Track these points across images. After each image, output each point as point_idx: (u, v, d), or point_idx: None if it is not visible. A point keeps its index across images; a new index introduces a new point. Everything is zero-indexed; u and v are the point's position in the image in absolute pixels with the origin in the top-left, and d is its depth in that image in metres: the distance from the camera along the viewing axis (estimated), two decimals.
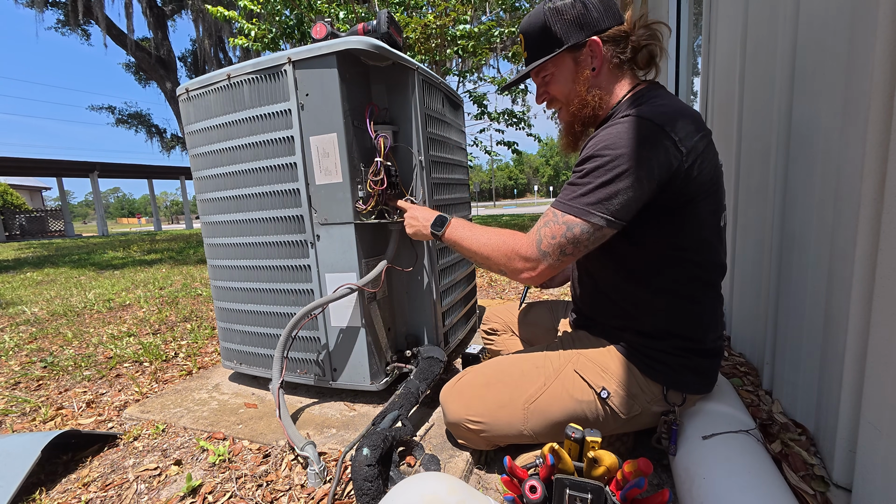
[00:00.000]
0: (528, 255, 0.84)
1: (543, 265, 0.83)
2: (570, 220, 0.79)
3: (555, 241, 0.81)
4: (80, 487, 1.04)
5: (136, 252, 7.84)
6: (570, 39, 0.87)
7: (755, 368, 1.34)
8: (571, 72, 0.90)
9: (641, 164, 0.74)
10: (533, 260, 0.84)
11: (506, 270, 0.89)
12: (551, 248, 0.82)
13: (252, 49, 4.31)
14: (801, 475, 0.86)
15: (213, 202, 1.40)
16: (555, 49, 0.89)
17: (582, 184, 0.79)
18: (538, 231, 0.84)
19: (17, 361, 2.02)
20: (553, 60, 0.91)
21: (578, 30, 0.86)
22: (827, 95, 0.87)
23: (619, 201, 0.76)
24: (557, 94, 0.95)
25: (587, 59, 0.88)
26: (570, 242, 0.80)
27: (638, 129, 0.75)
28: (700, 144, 0.77)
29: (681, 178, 0.77)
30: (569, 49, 0.88)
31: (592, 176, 0.77)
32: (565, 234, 0.80)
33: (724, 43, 1.60)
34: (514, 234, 0.89)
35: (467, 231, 0.98)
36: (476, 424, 0.97)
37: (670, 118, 0.76)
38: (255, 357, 1.43)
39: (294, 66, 1.15)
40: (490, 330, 1.45)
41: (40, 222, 17.98)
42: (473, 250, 0.95)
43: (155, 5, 16.22)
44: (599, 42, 0.86)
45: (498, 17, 6.21)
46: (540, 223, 0.84)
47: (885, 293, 0.69)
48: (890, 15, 0.65)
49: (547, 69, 0.93)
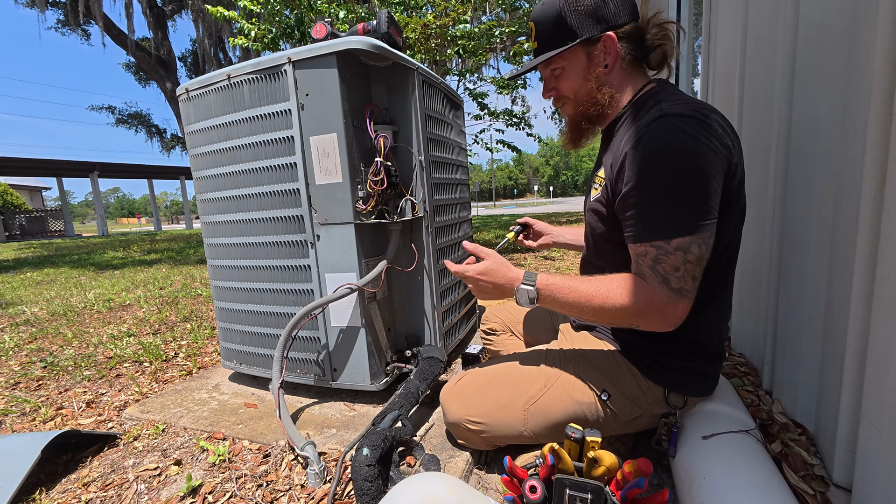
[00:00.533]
0: (656, 303, 0.74)
1: (683, 303, 0.74)
2: (681, 241, 0.71)
3: (679, 273, 0.72)
4: (80, 487, 1.04)
5: (136, 252, 7.84)
6: (585, 32, 0.82)
7: (755, 368, 1.34)
8: (583, 67, 0.86)
9: (705, 157, 0.70)
10: (662, 305, 0.74)
11: (639, 324, 0.79)
12: (684, 282, 0.72)
13: (252, 49, 4.30)
14: (801, 475, 0.86)
15: (213, 202, 1.40)
16: (568, 41, 0.84)
17: (667, 198, 0.71)
18: (654, 273, 0.74)
19: (17, 361, 2.02)
20: (565, 54, 0.85)
21: (594, 23, 0.82)
22: (827, 95, 0.87)
23: (708, 197, 0.70)
24: (566, 90, 0.90)
25: (600, 55, 0.84)
26: (695, 264, 0.72)
27: (684, 127, 0.71)
28: (735, 139, 0.76)
29: (731, 171, 0.74)
30: (582, 43, 0.83)
31: (672, 189, 0.71)
32: (686, 258, 0.71)
33: (724, 43, 1.60)
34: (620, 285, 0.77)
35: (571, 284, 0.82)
36: (476, 425, 0.97)
37: (704, 113, 0.73)
38: (255, 357, 1.43)
39: (294, 66, 1.15)
40: (490, 330, 1.45)
41: (40, 222, 17.98)
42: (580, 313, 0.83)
43: (155, 5, 16.22)
44: (615, 38, 0.82)
45: (498, 17, 6.21)
46: (646, 264, 0.75)
47: (885, 293, 0.69)
48: (890, 15, 0.65)
49: (558, 62, 0.88)
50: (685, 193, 0.71)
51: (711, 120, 0.72)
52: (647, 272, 0.76)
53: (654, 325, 0.77)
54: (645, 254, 0.75)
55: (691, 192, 0.70)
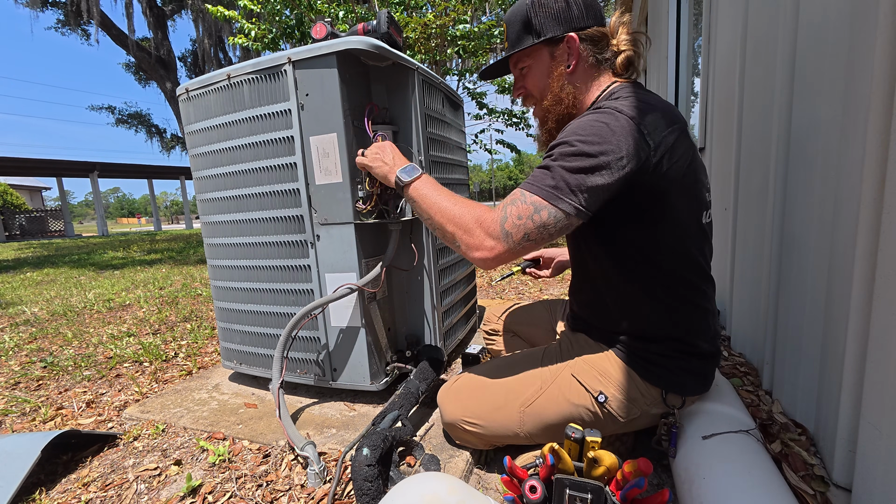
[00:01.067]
0: (490, 232, 0.79)
1: (502, 247, 0.79)
2: (538, 201, 0.76)
3: (520, 223, 0.77)
4: (80, 487, 1.04)
5: (136, 252, 7.84)
6: (548, 32, 0.87)
7: (755, 368, 1.34)
8: (547, 66, 0.91)
9: (610, 154, 0.73)
10: (493, 238, 0.79)
11: (461, 244, 0.83)
12: (515, 230, 0.77)
13: (252, 49, 4.30)
14: (801, 475, 0.86)
15: (213, 202, 1.40)
16: (532, 40, 0.89)
17: (551, 167, 0.77)
18: (504, 208, 0.79)
19: (17, 361, 2.02)
20: (529, 52, 0.91)
21: (557, 24, 0.87)
22: (827, 95, 0.87)
23: (587, 189, 0.74)
24: (532, 89, 0.95)
25: (563, 55, 0.89)
26: (536, 227, 0.76)
27: (608, 119, 0.76)
28: (670, 138, 0.77)
29: (649, 172, 0.76)
30: (545, 42, 0.88)
31: (562, 161, 0.76)
32: (532, 216, 0.76)
33: (724, 43, 1.60)
34: (480, 206, 0.84)
35: (433, 191, 0.90)
36: (472, 426, 0.97)
37: (640, 111, 0.76)
38: (255, 357, 1.43)
39: (294, 66, 1.15)
40: (490, 330, 1.45)
41: (40, 222, 17.99)
42: (431, 213, 0.88)
43: (155, 5, 16.21)
44: (576, 38, 0.86)
45: (498, 17, 6.21)
46: (506, 201, 0.81)
47: (885, 293, 0.69)
48: (890, 15, 0.65)
49: (524, 61, 0.94)
50: (567, 172, 0.75)
51: (641, 119, 0.75)
52: (499, 204, 0.81)
53: (471, 245, 0.81)
54: (511, 194, 0.82)
55: (573, 176, 0.75)
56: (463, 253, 0.84)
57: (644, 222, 0.81)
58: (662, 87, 2.88)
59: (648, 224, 0.81)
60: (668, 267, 0.84)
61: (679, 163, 0.78)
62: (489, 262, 0.81)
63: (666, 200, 0.80)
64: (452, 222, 0.84)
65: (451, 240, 0.85)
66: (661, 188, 0.78)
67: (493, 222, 0.80)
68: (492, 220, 0.80)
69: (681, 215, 0.82)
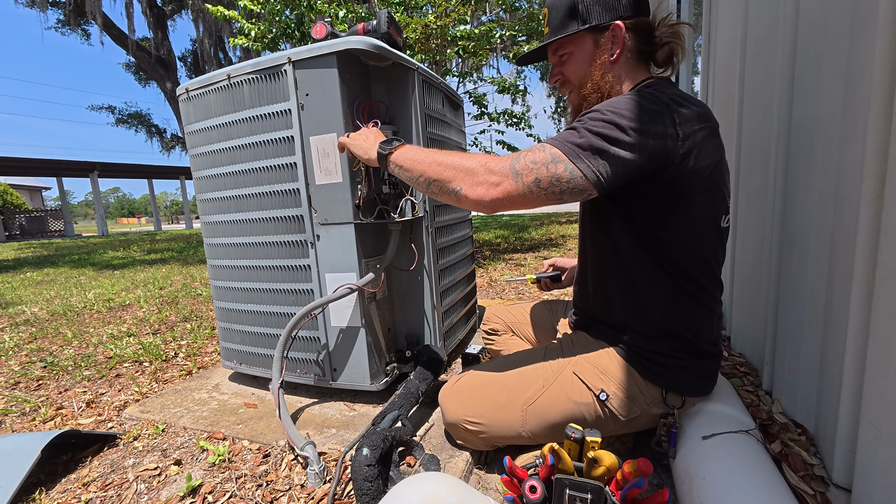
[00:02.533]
0: (496, 169, 0.77)
1: (509, 183, 0.75)
2: (558, 154, 0.75)
3: (534, 167, 0.75)
4: (80, 487, 1.04)
5: (136, 252, 7.84)
6: (594, 19, 0.85)
7: (755, 368, 1.34)
8: (590, 53, 0.88)
9: (638, 131, 0.72)
10: (499, 174, 0.76)
11: (461, 186, 0.79)
12: (526, 171, 0.75)
13: (252, 49, 4.30)
14: (801, 475, 0.86)
15: (213, 202, 1.40)
16: (577, 26, 0.87)
17: (578, 129, 0.76)
18: (516, 154, 0.78)
19: (17, 361, 2.02)
20: (573, 38, 0.88)
21: (604, 10, 0.85)
22: (827, 95, 0.87)
23: (609, 158, 0.73)
24: (571, 76, 0.92)
25: (607, 43, 0.86)
26: (549, 175, 0.74)
27: (643, 100, 0.75)
28: (699, 134, 0.77)
29: (675, 164, 0.75)
30: (590, 29, 0.86)
31: (591, 124, 0.75)
32: (547, 164, 0.74)
33: (724, 43, 1.60)
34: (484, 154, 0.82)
35: (419, 152, 0.88)
36: (474, 425, 0.97)
37: (676, 102, 0.77)
38: (255, 357, 1.43)
39: (294, 66, 1.15)
40: (490, 330, 1.45)
41: (40, 222, 17.98)
42: (423, 169, 0.84)
43: (155, 5, 16.21)
44: (623, 27, 0.84)
45: (498, 18, 6.20)
46: (521, 151, 0.79)
47: (885, 293, 0.69)
48: (890, 15, 0.65)
49: (566, 47, 0.91)
50: (593, 135, 0.74)
51: (676, 108, 0.75)
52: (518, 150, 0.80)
53: (472, 185, 0.78)
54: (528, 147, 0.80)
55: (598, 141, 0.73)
56: (463, 198, 0.79)
57: (663, 217, 0.81)
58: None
59: (667, 220, 0.81)
60: (681, 265, 0.84)
61: (706, 161, 0.78)
62: (495, 202, 0.77)
63: (688, 197, 0.79)
64: (451, 167, 0.81)
65: (449, 187, 0.81)
66: (685, 184, 0.78)
67: (500, 162, 0.77)
68: (499, 161, 0.78)
69: (700, 215, 0.81)
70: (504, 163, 0.77)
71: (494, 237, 6.84)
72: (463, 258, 1.72)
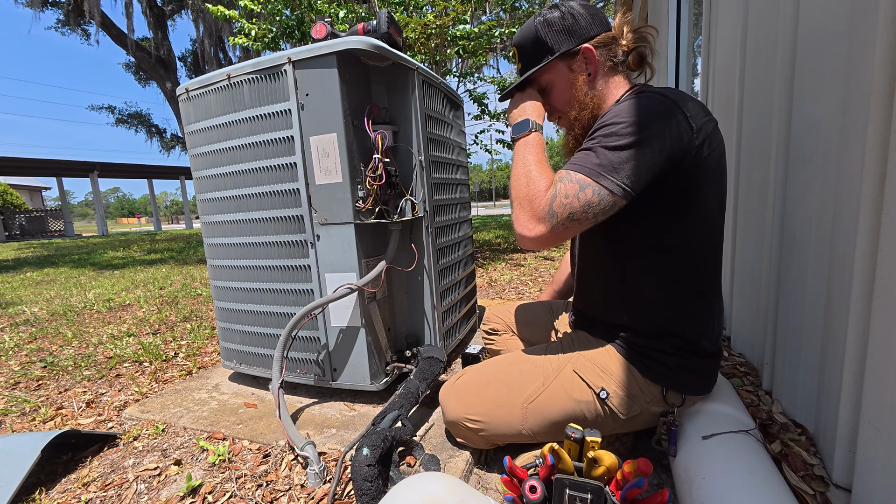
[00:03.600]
0: (537, 212, 0.79)
1: (544, 228, 0.78)
2: (583, 179, 0.76)
3: (567, 202, 0.76)
4: (79, 487, 1.04)
5: (137, 252, 7.84)
6: (563, 47, 0.90)
7: (755, 368, 1.34)
8: (568, 78, 0.93)
9: (654, 134, 0.74)
10: (537, 219, 0.79)
11: (514, 211, 0.84)
12: (561, 209, 0.77)
13: (252, 49, 4.30)
14: (800, 475, 0.86)
15: (213, 202, 1.40)
16: (548, 57, 0.92)
17: (594, 148, 0.77)
18: (555, 185, 0.79)
19: (17, 361, 2.02)
20: (548, 68, 0.93)
21: (569, 37, 0.90)
22: (827, 95, 0.87)
23: (631, 168, 0.74)
24: (557, 104, 0.97)
25: (582, 66, 0.91)
26: (581, 205, 0.76)
27: (650, 102, 0.77)
28: (709, 126, 0.79)
29: (691, 155, 0.77)
30: (562, 56, 0.91)
31: (605, 141, 0.76)
32: (577, 194, 0.76)
33: (724, 43, 1.60)
34: (545, 179, 0.82)
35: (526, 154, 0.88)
36: (474, 423, 0.97)
37: (681, 97, 0.79)
38: (255, 357, 1.43)
39: (294, 66, 1.15)
40: (490, 330, 1.45)
41: (40, 222, 17.98)
42: (511, 176, 0.90)
43: (155, 5, 16.21)
44: (592, 48, 0.89)
45: (498, 17, 6.20)
46: (557, 177, 0.80)
47: (885, 293, 0.69)
48: (890, 15, 0.65)
49: (544, 78, 0.96)
50: (610, 150, 0.75)
51: (684, 103, 0.77)
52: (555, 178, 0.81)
53: (520, 221, 0.82)
54: (557, 173, 0.81)
55: (616, 154, 0.74)
56: (514, 222, 0.84)
57: (676, 212, 0.82)
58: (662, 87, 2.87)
59: (680, 214, 0.82)
60: (690, 261, 0.85)
61: (715, 153, 0.80)
62: (530, 243, 0.81)
63: (700, 191, 0.81)
64: (515, 192, 0.85)
65: (513, 203, 0.86)
66: (697, 177, 0.79)
67: (543, 201, 0.79)
68: (542, 199, 0.79)
69: (710, 209, 0.83)
70: (545, 204, 0.79)
71: (494, 237, 6.84)
72: (463, 258, 1.72)
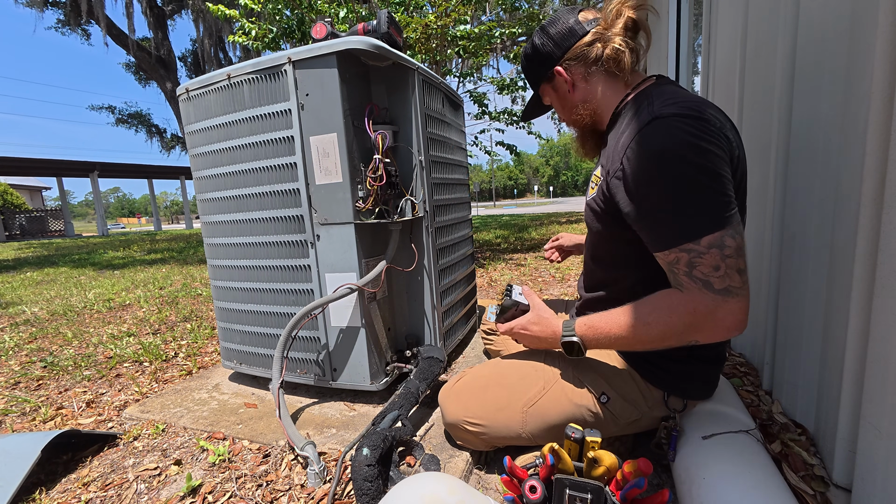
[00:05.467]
0: (712, 307, 0.68)
1: (735, 302, 0.68)
2: (713, 238, 0.67)
3: (722, 270, 0.67)
4: (80, 487, 1.04)
5: (137, 252, 7.84)
6: (539, 79, 0.98)
7: (755, 368, 1.34)
8: (556, 98, 0.99)
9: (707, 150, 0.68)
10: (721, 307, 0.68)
11: (701, 340, 0.73)
12: (729, 279, 0.67)
13: (252, 49, 4.30)
14: (801, 475, 0.86)
15: (213, 202, 1.40)
16: (537, 85, 1.01)
17: (684, 198, 0.69)
18: (692, 279, 0.69)
19: (17, 361, 2.02)
20: (544, 91, 1.01)
21: (540, 66, 0.95)
22: (827, 95, 0.87)
23: (724, 186, 0.68)
24: (561, 115, 1.03)
25: (562, 85, 0.94)
26: (735, 257, 0.67)
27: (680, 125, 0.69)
28: (735, 132, 0.76)
29: (734, 164, 0.73)
30: (546, 82, 0.97)
31: (685, 187, 0.68)
32: (723, 253, 0.67)
33: (724, 43, 1.60)
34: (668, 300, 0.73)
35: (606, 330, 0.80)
36: (474, 426, 0.97)
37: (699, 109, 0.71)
38: (255, 357, 1.43)
39: (294, 66, 1.15)
40: (490, 330, 1.45)
41: (40, 222, 17.99)
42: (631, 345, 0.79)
43: (155, 5, 16.21)
44: (561, 70, 0.91)
45: (498, 17, 6.21)
46: (681, 271, 0.70)
47: (885, 293, 0.69)
48: (890, 15, 0.65)
49: (545, 100, 1.04)
50: (701, 188, 0.68)
51: (707, 115, 0.71)
52: (684, 280, 0.71)
53: (712, 334, 0.71)
54: (676, 261, 0.71)
55: (707, 185, 0.67)
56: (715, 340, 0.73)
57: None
58: None
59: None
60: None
61: (743, 157, 0.77)
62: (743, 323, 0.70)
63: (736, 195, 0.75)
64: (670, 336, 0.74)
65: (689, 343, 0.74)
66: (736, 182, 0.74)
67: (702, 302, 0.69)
68: (700, 302, 0.69)
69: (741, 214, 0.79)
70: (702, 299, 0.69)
71: (494, 237, 6.84)
72: (463, 258, 1.72)
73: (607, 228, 0.87)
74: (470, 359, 1.64)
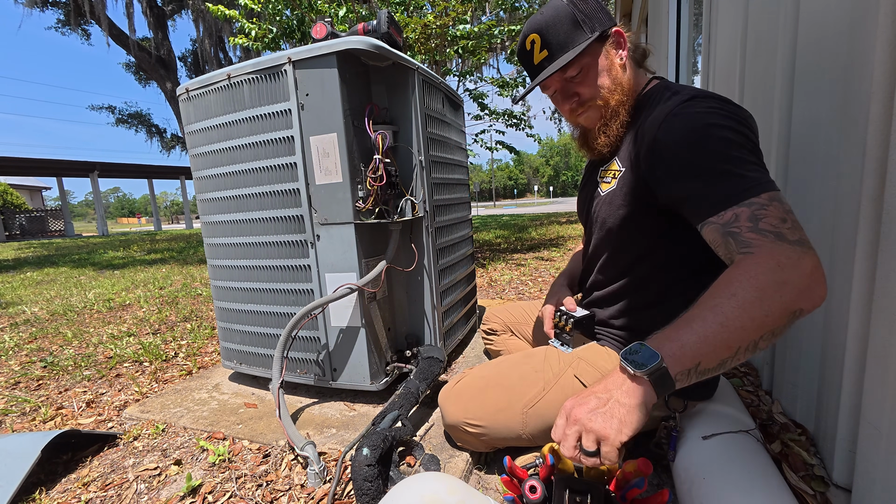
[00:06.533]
0: (796, 258, 0.58)
1: (811, 256, 0.58)
2: (773, 193, 0.63)
3: (790, 222, 0.61)
4: (80, 487, 1.04)
5: (137, 252, 7.84)
6: (600, 27, 0.82)
7: (755, 368, 1.34)
8: (604, 61, 0.84)
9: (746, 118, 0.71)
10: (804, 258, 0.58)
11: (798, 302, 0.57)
12: (799, 231, 0.61)
13: (252, 49, 4.30)
14: (801, 475, 0.86)
15: (214, 202, 1.40)
16: (588, 35, 0.82)
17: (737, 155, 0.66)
18: (760, 233, 0.61)
19: (17, 361, 2.02)
20: (588, 51, 0.83)
21: (606, 17, 0.83)
22: (827, 95, 0.87)
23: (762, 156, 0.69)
24: (590, 92, 0.86)
25: (614, 49, 0.85)
26: (791, 212, 0.63)
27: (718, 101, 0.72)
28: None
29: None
30: (599, 39, 0.83)
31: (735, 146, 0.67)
32: (784, 207, 0.62)
33: (724, 43, 1.60)
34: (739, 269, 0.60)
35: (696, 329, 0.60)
36: (474, 427, 0.97)
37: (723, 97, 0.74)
38: (255, 357, 1.43)
39: (294, 66, 1.15)
40: (490, 330, 1.45)
41: (40, 222, 17.98)
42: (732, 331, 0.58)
43: (155, 5, 16.22)
44: (622, 31, 0.85)
45: (498, 17, 6.20)
46: (745, 227, 0.62)
47: (885, 293, 0.69)
48: (890, 15, 0.65)
49: (577, 66, 0.85)
50: (753, 150, 0.67)
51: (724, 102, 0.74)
52: (750, 238, 0.61)
53: (808, 294, 0.58)
54: (735, 218, 0.63)
55: (754, 151, 0.68)
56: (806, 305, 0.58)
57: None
58: None
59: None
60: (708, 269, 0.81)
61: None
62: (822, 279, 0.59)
63: None
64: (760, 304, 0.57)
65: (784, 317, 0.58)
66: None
67: (783, 252, 0.59)
68: (780, 253, 0.59)
69: None
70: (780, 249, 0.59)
71: (494, 237, 6.84)
72: (463, 258, 1.72)
73: (631, 209, 0.85)
74: (470, 359, 1.64)
